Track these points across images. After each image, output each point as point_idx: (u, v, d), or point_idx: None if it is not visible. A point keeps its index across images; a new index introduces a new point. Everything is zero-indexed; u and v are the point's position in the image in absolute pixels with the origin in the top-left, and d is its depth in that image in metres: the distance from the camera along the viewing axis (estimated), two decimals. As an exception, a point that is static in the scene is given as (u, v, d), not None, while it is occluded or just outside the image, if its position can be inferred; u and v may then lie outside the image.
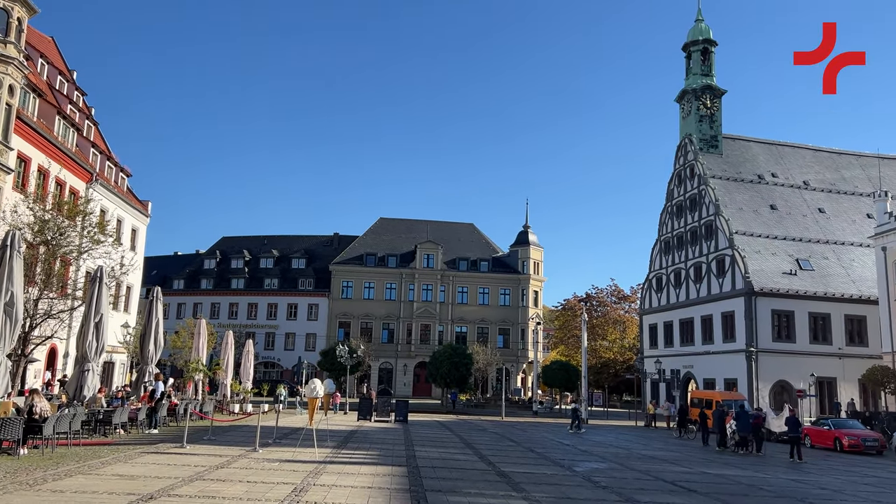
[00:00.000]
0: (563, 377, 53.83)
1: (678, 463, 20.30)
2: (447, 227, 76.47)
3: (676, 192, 53.85)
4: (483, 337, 67.68)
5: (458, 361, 49.18)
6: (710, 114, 52.81)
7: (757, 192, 50.51)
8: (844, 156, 56.19)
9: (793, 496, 14.33)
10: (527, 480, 14.41)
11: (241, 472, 13.45)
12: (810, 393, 39.64)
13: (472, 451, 20.47)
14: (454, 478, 14.34)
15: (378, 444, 21.14)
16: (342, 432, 25.01)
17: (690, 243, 50.98)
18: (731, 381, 43.78)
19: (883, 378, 35.66)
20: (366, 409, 33.89)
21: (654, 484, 15.16)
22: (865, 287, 44.27)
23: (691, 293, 50.22)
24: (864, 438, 27.02)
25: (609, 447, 24.61)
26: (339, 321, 68.28)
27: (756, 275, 43.81)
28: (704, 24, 55.39)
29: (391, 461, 16.78)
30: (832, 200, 51.93)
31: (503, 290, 70.91)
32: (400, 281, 69.55)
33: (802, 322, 43.60)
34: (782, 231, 48.03)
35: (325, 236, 78.07)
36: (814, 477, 18.35)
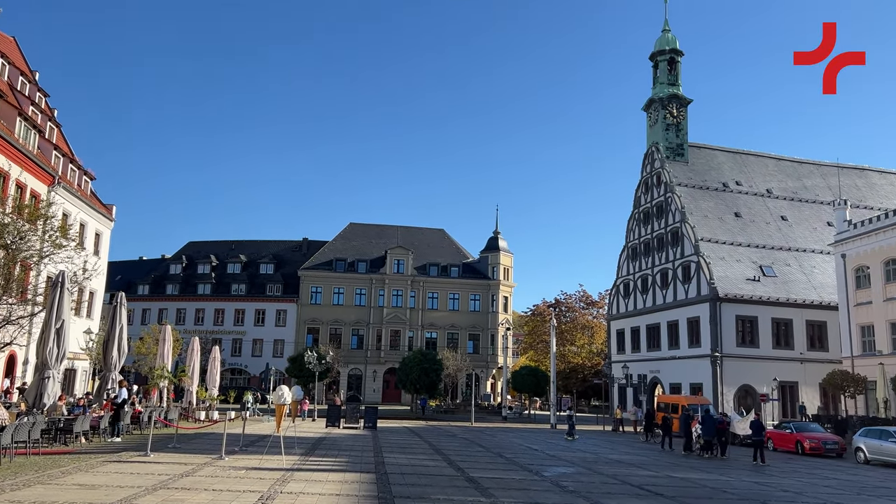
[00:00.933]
0: (533, 382, 54.09)
1: (645, 467, 20.52)
2: (418, 232, 76.43)
3: (644, 199, 54.58)
4: (453, 343, 67.70)
5: (427, 367, 49.09)
6: (676, 122, 53.68)
7: (722, 200, 51.44)
8: (805, 165, 57.55)
9: (756, 499, 14.57)
10: (495, 486, 14.44)
11: (206, 480, 13.25)
12: (773, 397, 40.41)
13: (442, 457, 20.44)
14: (423, 484, 14.30)
15: (346, 451, 20.98)
16: (310, 439, 24.78)
17: (657, 250, 51.69)
18: (697, 386, 44.42)
19: (842, 382, 36.48)
20: (334, 415, 33.62)
21: (621, 488, 15.30)
22: (826, 293, 45.32)
23: (658, 299, 50.89)
24: (824, 441, 27.62)
25: (577, 452, 24.78)
26: (307, 327, 67.71)
27: (721, 281, 44.58)
28: (671, 34, 56.33)
29: (360, 468, 16.67)
30: (794, 208, 53.12)
31: (473, 295, 71.05)
32: (370, 286, 69.28)
33: (765, 327, 44.45)
34: (746, 238, 48.97)
35: (293, 241, 77.42)
36: (776, 479, 18.69)
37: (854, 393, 36.43)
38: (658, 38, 56.57)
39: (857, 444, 25.69)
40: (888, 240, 37.77)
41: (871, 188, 56.34)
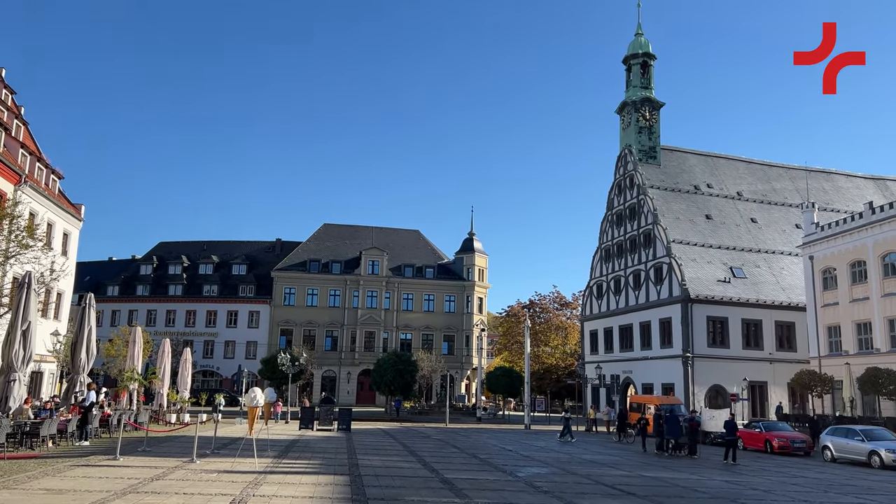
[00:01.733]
0: (507, 383, 54.27)
1: (618, 467, 20.69)
2: (393, 233, 76.27)
3: (616, 201, 55.08)
4: (428, 344, 67.63)
5: (402, 369, 48.97)
6: (648, 125, 54.25)
7: (693, 202, 52.11)
8: (775, 168, 58.53)
9: (726, 497, 14.78)
10: (470, 486, 14.46)
11: (177, 483, 13.07)
12: (743, 397, 41.01)
13: (416, 458, 20.41)
14: (397, 486, 14.27)
15: (320, 453, 20.86)
16: (283, 441, 24.58)
17: (630, 251, 52.19)
18: (669, 386, 44.92)
19: (810, 382, 37.14)
20: (308, 417, 33.40)
21: (595, 488, 15.41)
22: (794, 294, 46.13)
23: (630, 300, 51.38)
24: (792, 440, 28.11)
25: (551, 452, 24.91)
26: (280, 329, 67.16)
27: (692, 282, 45.15)
28: (644, 38, 56.93)
29: (333, 470, 16.58)
30: (764, 211, 53.99)
31: (448, 296, 71.06)
32: (344, 288, 68.94)
33: (736, 328, 45.11)
34: (717, 240, 49.65)
35: (267, 242, 76.75)
36: (746, 478, 18.97)
37: (821, 392, 37.10)
38: (631, 42, 57.14)
39: (825, 443, 26.18)
40: (853, 242, 38.58)
41: (837, 191, 57.49)
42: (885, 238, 36.46)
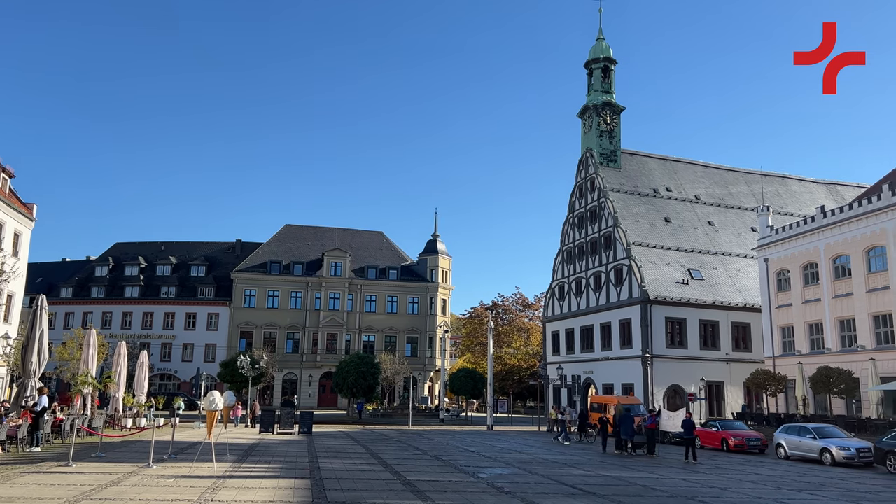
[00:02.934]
0: (470, 384, 54.39)
1: (578, 466, 20.90)
2: (356, 234, 75.85)
3: (578, 204, 55.71)
4: (391, 346, 67.40)
5: (365, 371, 48.71)
6: (609, 129, 55.02)
7: (652, 205, 53.00)
8: (731, 172, 59.90)
9: (684, 495, 15.05)
10: (432, 488, 14.44)
11: (132, 490, 12.78)
12: (700, 396, 41.84)
13: (378, 461, 20.32)
14: (359, 488, 14.18)
15: (280, 457, 20.61)
16: (243, 445, 24.24)
17: (591, 253, 52.83)
18: (629, 386, 45.57)
19: (765, 381, 38.07)
20: (268, 421, 32.99)
21: (556, 487, 15.54)
22: (749, 296, 47.24)
23: (591, 301, 51.99)
24: (747, 438, 28.75)
25: (513, 453, 25.04)
26: (240, 331, 66.21)
27: (651, 284, 45.90)
28: (605, 43, 57.72)
29: (294, 474, 16.40)
30: (720, 214, 55.20)
31: (412, 298, 70.93)
32: (306, 289, 68.29)
33: (693, 329, 46.01)
34: (675, 242, 50.58)
35: (226, 243, 75.60)
36: (703, 476, 19.34)
37: (775, 391, 38.06)
38: (593, 47, 57.89)
39: (778, 441, 26.83)
40: (806, 245, 39.68)
41: (791, 195, 59.09)
42: (836, 241, 37.60)
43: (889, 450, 21.41)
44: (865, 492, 16.73)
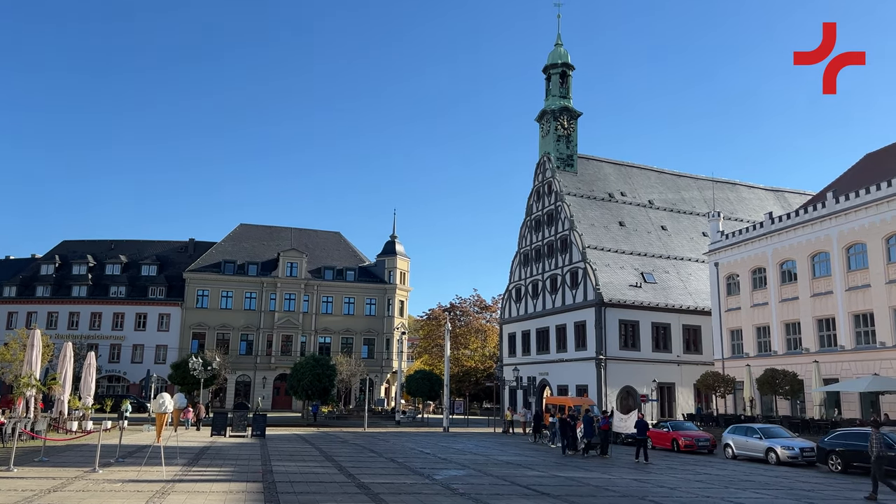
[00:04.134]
0: (426, 386, 54.35)
1: (533, 467, 21.07)
2: (312, 234, 75.11)
3: (535, 207, 56.24)
4: (347, 347, 66.94)
5: (320, 373, 48.22)
6: (566, 134, 55.69)
7: (608, 210, 53.83)
8: (684, 178, 61.23)
9: (635, 495, 15.30)
10: (386, 491, 14.38)
11: (76, 495, 12.40)
12: (652, 397, 42.63)
13: (332, 463, 20.14)
14: (312, 491, 14.03)
15: (232, 460, 20.27)
16: (193, 449, 23.75)
17: (547, 256, 53.37)
18: (583, 387, 46.15)
19: (714, 383, 39.00)
20: (220, 423, 32.41)
21: (510, 489, 15.63)
22: (700, 299, 48.34)
23: (547, 304, 52.53)
24: (697, 439, 29.39)
25: (468, 454, 25.11)
26: (193, 332, 64.91)
27: (606, 287, 46.60)
28: (563, 48, 58.42)
29: (246, 477, 16.14)
30: (673, 219, 56.38)
31: (369, 299, 70.56)
32: (261, 290, 67.33)
33: (646, 331, 46.87)
34: (629, 246, 51.47)
35: (179, 242, 73.99)
36: (654, 476, 19.70)
37: (724, 393, 39.02)
38: (551, 52, 58.53)
39: (726, 441, 27.50)
40: (754, 250, 40.82)
41: (741, 201, 60.69)
42: (783, 247, 38.76)
43: (831, 449, 22.12)
44: (808, 490, 17.27)
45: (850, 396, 33.29)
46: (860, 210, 34.16)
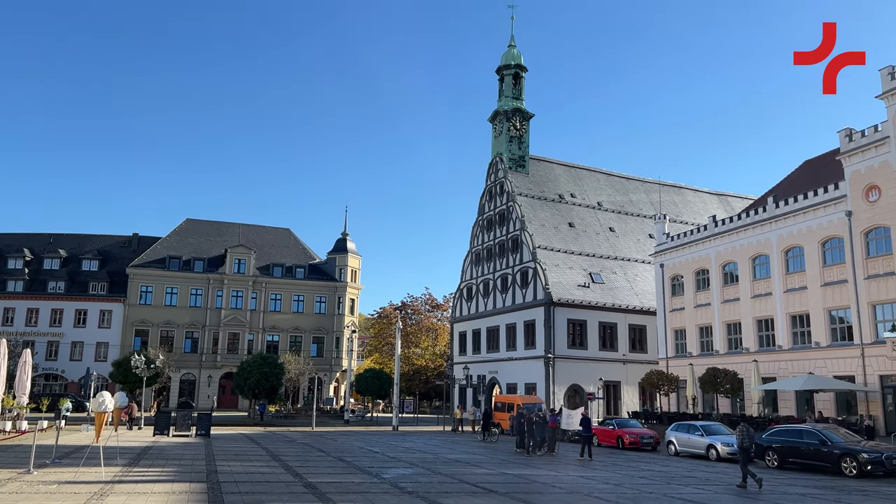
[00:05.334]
0: (376, 385, 54.08)
1: (481, 465, 21.19)
2: (261, 231, 73.89)
3: (487, 207, 56.59)
4: (296, 346, 66.08)
5: (268, 371, 47.48)
6: (519, 135, 56.21)
7: (558, 211, 54.55)
8: (632, 181, 62.50)
9: (581, 492, 15.54)
10: (334, 490, 14.25)
11: (9, 497, 11.92)
12: (599, 395, 43.38)
13: (279, 463, 19.86)
14: (258, 491, 13.81)
15: (175, 461, 19.79)
16: (135, 449, 23.09)
17: (499, 256, 53.77)
18: (532, 386, 46.68)
19: (658, 381, 39.91)
20: (163, 423, 31.62)
21: (458, 486, 15.68)
22: (646, 299, 49.42)
23: (498, 303, 52.93)
24: (641, 436, 30.02)
25: (417, 453, 25.10)
26: (135, 329, 63.10)
27: (555, 287, 47.22)
28: (516, 50, 58.93)
29: (189, 478, 15.79)
30: (621, 221, 57.49)
31: (319, 297, 69.80)
32: (207, 287, 65.90)
33: (594, 330, 47.68)
34: (578, 247, 52.27)
35: (122, 237, 71.79)
36: (599, 473, 20.04)
37: (668, 391, 39.98)
38: (504, 53, 58.97)
39: (669, 438, 28.16)
40: (698, 252, 41.92)
41: (686, 204, 62.27)
42: (726, 249, 39.92)
43: (768, 446, 22.86)
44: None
45: (787, 395, 34.50)
46: (798, 215, 35.43)
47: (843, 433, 22.03)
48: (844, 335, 32.78)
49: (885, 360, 29.72)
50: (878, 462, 19.40)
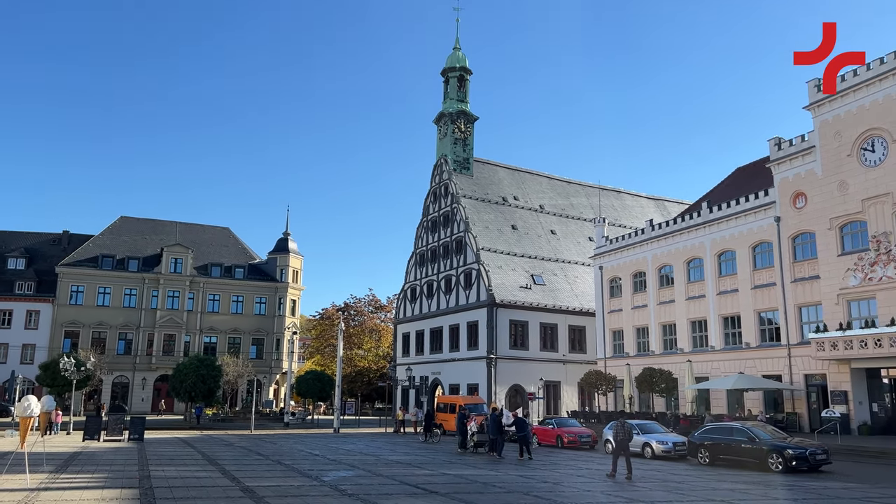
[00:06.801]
0: (317, 387, 53.50)
1: (422, 466, 21.19)
2: (199, 229, 72.09)
3: (432, 208, 56.70)
4: (235, 347, 64.75)
5: (205, 374, 46.39)
6: (463, 137, 56.53)
7: (501, 213, 55.10)
8: (573, 185, 63.64)
9: (521, 491, 15.72)
10: (272, 494, 14.02)
11: (-77, 509, 11.29)
12: (539, 395, 43.99)
13: (216, 467, 19.42)
14: (193, 496, 13.47)
15: (106, 466, 19.13)
16: (63, 454, 22.23)
17: (443, 257, 53.94)
18: (474, 386, 46.97)
19: (597, 381, 40.77)
20: (94, 427, 30.53)
21: (399, 488, 15.64)
22: (586, 301, 50.38)
23: (442, 304, 53.08)
24: (580, 435, 30.54)
25: (358, 455, 24.92)
26: (65, 330, 60.71)
27: (498, 288, 47.66)
28: (461, 52, 59.26)
29: (121, 483, 15.28)
30: (562, 224, 58.46)
31: (259, 298, 68.57)
32: (142, 286, 63.93)
33: (535, 331, 48.34)
34: (521, 249, 52.90)
35: (51, 234, 68.96)
36: (539, 472, 20.30)
37: (606, 390, 40.86)
38: (449, 56, 59.20)
39: (606, 437, 28.66)
40: (636, 255, 43.01)
41: (625, 208, 63.78)
42: (662, 252, 41.08)
43: (700, 443, 23.59)
44: (679, 482, 18.35)
45: (719, 393, 35.73)
46: (730, 220, 36.75)
47: (771, 430, 22.91)
48: (773, 336, 34.17)
49: (810, 360, 31.14)
50: (802, 458, 20.26)
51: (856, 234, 30.67)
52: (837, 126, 31.28)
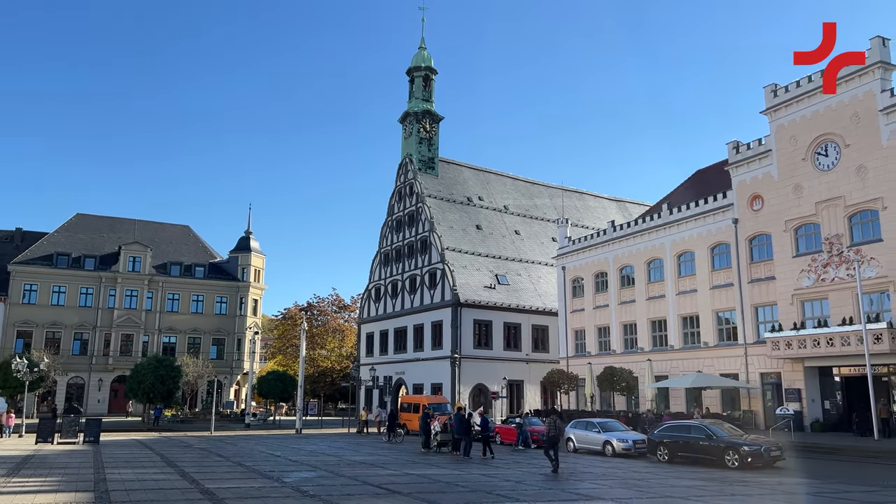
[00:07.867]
0: (279, 387, 52.96)
1: (385, 466, 21.13)
2: (158, 228, 70.71)
3: (397, 207, 56.57)
4: (195, 348, 63.68)
5: (164, 374, 45.53)
6: (429, 137, 56.52)
7: (466, 213, 55.25)
8: (537, 186, 64.14)
9: (483, 489, 15.78)
10: (232, 496, 13.83)
11: None
12: (503, 394, 44.22)
13: (175, 469, 19.09)
14: (150, 499, 13.21)
15: (60, 469, 18.65)
16: (14, 458, 21.62)
17: (408, 256, 53.86)
18: (438, 386, 47.01)
19: (559, 380, 41.14)
20: (47, 430, 29.74)
21: (361, 488, 15.57)
22: (549, 301, 50.82)
23: (406, 303, 53.00)
24: (542, 434, 30.77)
25: (320, 455, 24.74)
26: (18, 330, 59.01)
27: (462, 288, 47.79)
28: (427, 52, 59.24)
29: (75, 487, 14.91)
30: (526, 224, 58.88)
31: (220, 297, 67.57)
32: (98, 285, 62.46)
33: (498, 331, 48.60)
34: (485, 249, 53.13)
35: (4, 231, 66.92)
36: (501, 471, 20.41)
37: (568, 389, 41.27)
38: (415, 55, 59.14)
39: (568, 435, 29.02)
40: (597, 255, 43.54)
41: (587, 210, 64.52)
42: (623, 253, 41.66)
43: (659, 441, 24.02)
44: (638, 479, 18.64)
45: (678, 392, 36.38)
46: (690, 221, 37.44)
47: (728, 427, 23.42)
48: (730, 335, 34.92)
49: (766, 359, 31.92)
50: (757, 454, 20.76)
51: (810, 237, 31.52)
52: (793, 130, 32.12)
